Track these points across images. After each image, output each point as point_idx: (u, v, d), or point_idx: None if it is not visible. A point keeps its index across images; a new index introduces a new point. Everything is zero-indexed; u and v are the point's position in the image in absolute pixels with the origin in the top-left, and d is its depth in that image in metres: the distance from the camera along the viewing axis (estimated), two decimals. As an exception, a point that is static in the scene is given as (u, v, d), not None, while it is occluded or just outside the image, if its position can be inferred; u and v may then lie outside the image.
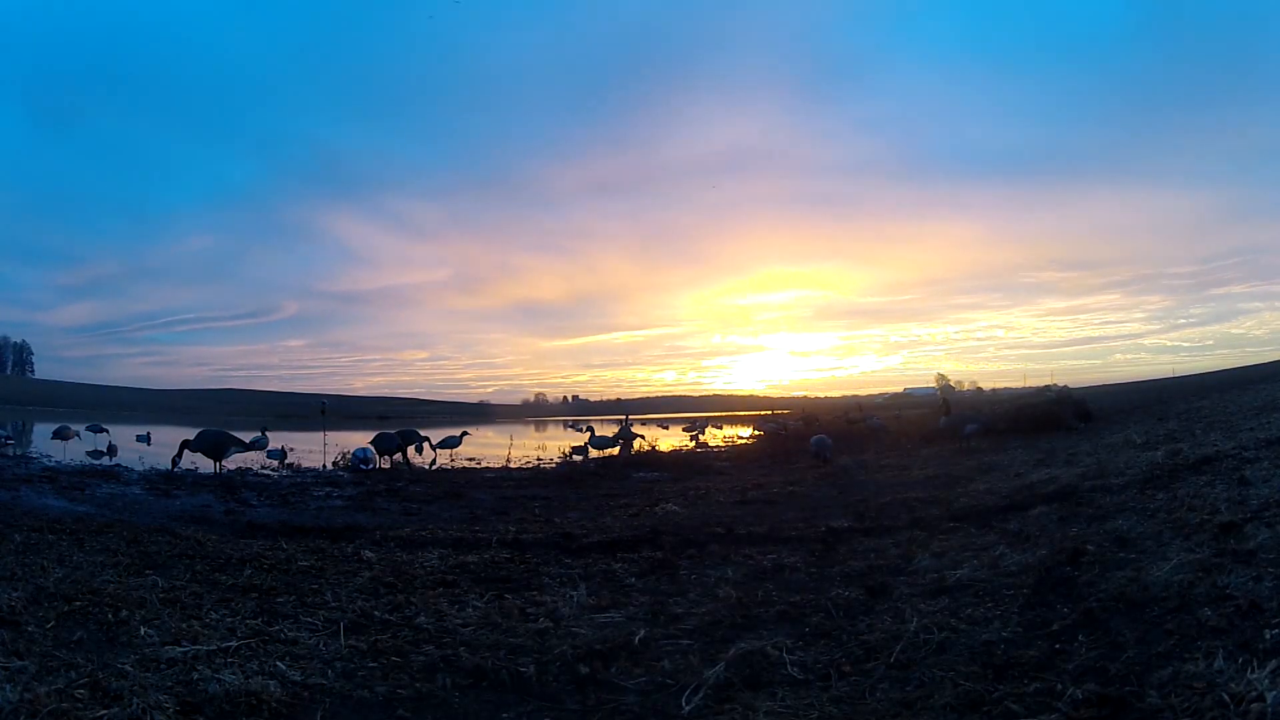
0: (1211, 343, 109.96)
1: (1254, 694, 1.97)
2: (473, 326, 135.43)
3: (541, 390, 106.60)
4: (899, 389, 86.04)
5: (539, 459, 15.57)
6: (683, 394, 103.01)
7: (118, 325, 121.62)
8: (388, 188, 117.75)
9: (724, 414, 56.93)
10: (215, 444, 10.83)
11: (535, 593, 3.97)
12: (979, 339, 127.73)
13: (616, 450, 15.73)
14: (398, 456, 12.91)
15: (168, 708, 2.33)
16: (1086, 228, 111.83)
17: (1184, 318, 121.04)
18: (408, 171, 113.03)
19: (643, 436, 17.86)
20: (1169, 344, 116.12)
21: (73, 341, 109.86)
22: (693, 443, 20.45)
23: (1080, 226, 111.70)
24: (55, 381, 71.84)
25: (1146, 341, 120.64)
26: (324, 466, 12.97)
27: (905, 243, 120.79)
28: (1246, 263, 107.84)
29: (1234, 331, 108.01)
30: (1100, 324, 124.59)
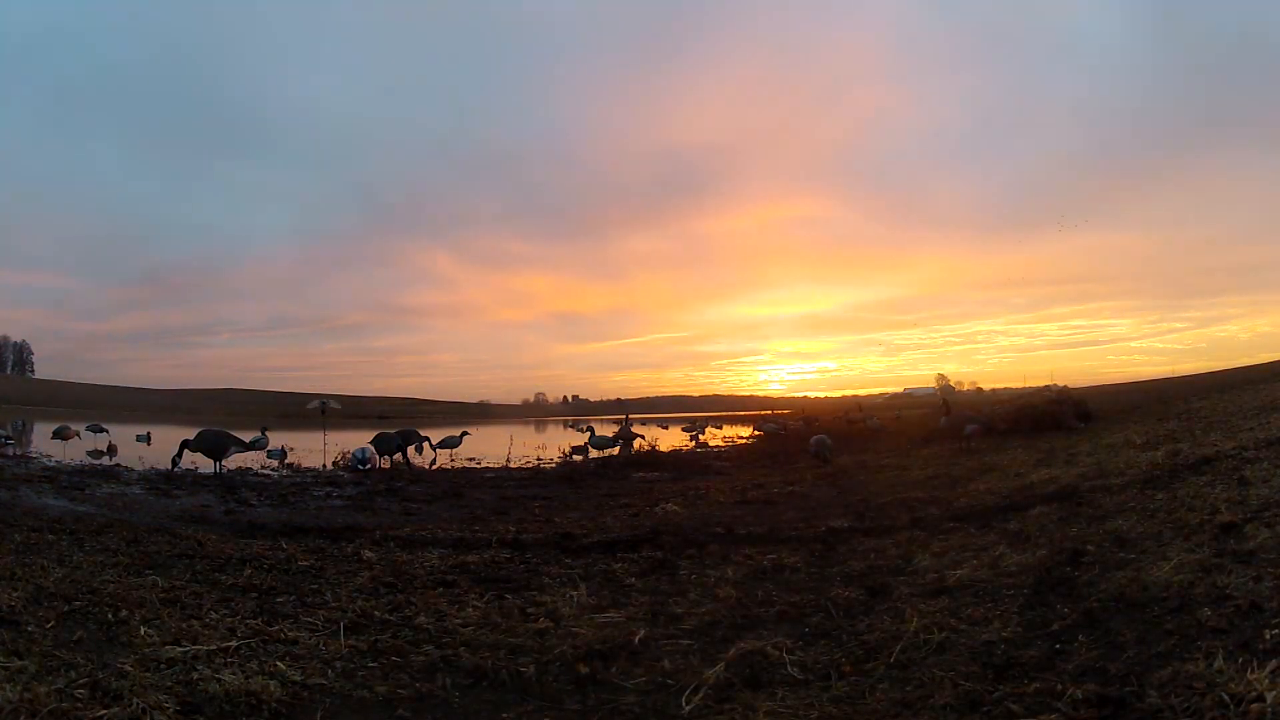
0: (1205, 345, 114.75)
1: (1254, 694, 1.96)
2: (505, 333, 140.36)
3: (542, 390, 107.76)
4: (899, 389, 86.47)
5: (539, 459, 15.57)
6: (683, 394, 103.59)
7: (162, 333, 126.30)
8: (466, 226, 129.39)
9: (724, 414, 56.95)
10: (215, 444, 10.83)
11: (535, 593, 3.97)
12: (978, 341, 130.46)
13: (616, 450, 15.74)
14: (398, 456, 12.91)
15: (168, 707, 2.32)
16: (1082, 248, 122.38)
17: (1178, 321, 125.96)
18: (488, 213, 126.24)
19: (643, 436, 17.87)
20: (1161, 345, 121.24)
21: (107, 346, 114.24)
22: (693, 443, 20.46)
23: (1076, 248, 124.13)
24: (55, 381, 71.94)
25: (1140, 344, 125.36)
26: (324, 466, 12.98)
27: (909, 267, 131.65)
28: (1231, 275, 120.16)
29: (1221, 334, 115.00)
30: (1094, 327, 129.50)
